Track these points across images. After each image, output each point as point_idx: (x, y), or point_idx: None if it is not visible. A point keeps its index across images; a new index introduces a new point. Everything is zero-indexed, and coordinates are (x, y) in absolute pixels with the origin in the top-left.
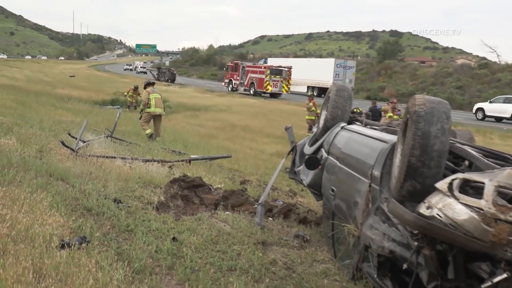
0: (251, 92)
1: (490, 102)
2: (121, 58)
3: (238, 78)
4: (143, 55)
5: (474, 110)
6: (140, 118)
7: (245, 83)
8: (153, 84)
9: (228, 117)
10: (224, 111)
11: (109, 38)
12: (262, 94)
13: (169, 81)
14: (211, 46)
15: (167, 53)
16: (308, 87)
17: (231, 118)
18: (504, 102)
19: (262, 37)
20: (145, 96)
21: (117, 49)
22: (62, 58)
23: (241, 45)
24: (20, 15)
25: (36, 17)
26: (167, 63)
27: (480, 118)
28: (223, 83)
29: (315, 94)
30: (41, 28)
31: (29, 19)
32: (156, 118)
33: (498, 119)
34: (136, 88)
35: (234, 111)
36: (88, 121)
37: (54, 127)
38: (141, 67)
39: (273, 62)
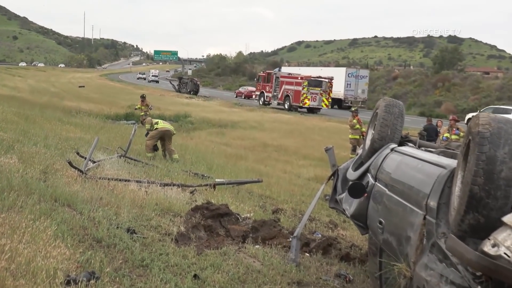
0: (286, 107)
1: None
2: (137, 66)
3: (271, 90)
4: (163, 63)
5: (465, 121)
6: (146, 135)
7: (279, 96)
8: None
9: (259, 135)
10: (254, 128)
11: (124, 43)
12: (299, 109)
13: (191, 93)
14: (240, 53)
15: (190, 61)
16: None
17: (263, 136)
18: (494, 112)
19: (299, 43)
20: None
21: (133, 56)
22: (62, 65)
23: (275, 52)
24: (24, 17)
25: (42, 19)
26: (189, 72)
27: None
28: (253, 96)
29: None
30: (48, 31)
31: (35, 21)
32: (166, 135)
33: None
34: (143, 98)
35: (266, 128)
36: (99, 139)
37: (61, 145)
38: (152, 76)
39: (285, 70)
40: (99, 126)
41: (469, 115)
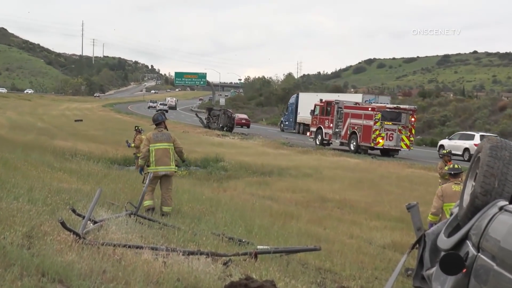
0: (352, 148)
1: (449, 138)
2: (153, 94)
3: (331, 125)
4: (188, 89)
5: (437, 147)
6: (143, 181)
7: (343, 133)
8: (160, 123)
9: (316, 186)
10: (309, 177)
11: (136, 63)
12: (369, 151)
13: (225, 128)
14: (289, 76)
15: (223, 86)
16: None
17: (321, 187)
18: (459, 138)
19: (370, 61)
20: (143, 146)
21: (147, 80)
22: (54, 93)
23: (337, 74)
24: (3, 28)
25: (27, 31)
26: (222, 101)
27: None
28: (308, 133)
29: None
30: (34, 47)
31: (17, 34)
32: (162, 180)
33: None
34: (138, 131)
35: (325, 176)
36: (101, 191)
37: (51, 199)
38: (161, 104)
39: (303, 98)
40: (102, 174)
41: (440, 142)
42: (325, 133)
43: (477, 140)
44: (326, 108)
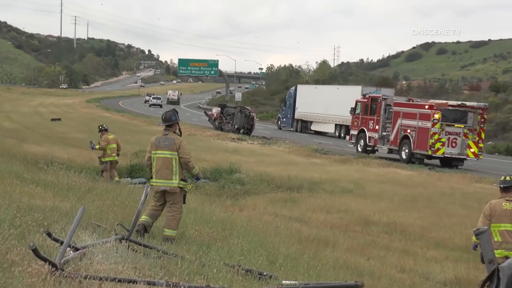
0: (404, 156)
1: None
2: (152, 86)
3: (377, 127)
4: (191, 80)
5: None
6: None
7: (392, 137)
8: (171, 125)
9: (357, 205)
10: (348, 193)
11: (129, 47)
12: (426, 160)
13: (242, 131)
14: (324, 65)
15: (239, 77)
16: (335, 125)
17: (363, 206)
18: None
19: (427, 46)
20: (147, 153)
21: (144, 69)
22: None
23: (385, 62)
24: None
25: None
26: (238, 96)
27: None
28: (348, 137)
29: (342, 134)
30: (0, 26)
31: None
32: (166, 197)
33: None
34: (104, 130)
35: (368, 192)
36: (85, 209)
37: (20, 220)
38: (153, 98)
39: (301, 91)
40: (86, 188)
41: None
42: (369, 137)
43: None
44: (371, 105)
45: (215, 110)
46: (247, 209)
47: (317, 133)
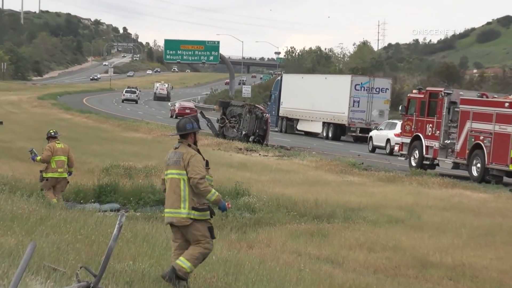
0: (474, 172)
1: (378, 129)
2: (129, 78)
3: (437, 133)
4: (176, 69)
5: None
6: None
7: (458, 146)
8: (186, 135)
9: (410, 240)
10: (398, 223)
11: (97, 24)
12: (506, 178)
13: (252, 138)
14: (365, 47)
15: (248, 64)
16: (323, 124)
17: (419, 242)
18: (386, 128)
19: (507, 21)
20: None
21: (117, 52)
22: None
23: (448, 44)
24: None
25: None
26: (246, 91)
27: (370, 149)
28: (397, 148)
29: (330, 135)
30: None
31: None
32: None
33: (373, 149)
34: (52, 137)
35: (426, 223)
36: (35, 246)
37: None
38: (127, 91)
39: (286, 82)
40: (37, 217)
41: (370, 133)
42: (427, 146)
43: None
44: (429, 102)
45: (178, 105)
46: (258, 246)
47: (307, 134)
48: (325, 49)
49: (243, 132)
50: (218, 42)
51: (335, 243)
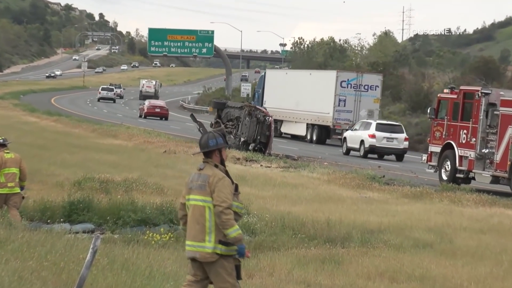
0: None
1: (352, 129)
2: (107, 73)
3: (473, 141)
4: (157, 63)
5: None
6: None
7: (498, 156)
8: (209, 153)
9: (440, 268)
10: (425, 249)
11: (68, 9)
12: None
13: (253, 146)
14: (387, 38)
15: (248, 58)
16: (307, 125)
17: (451, 271)
18: (360, 128)
19: None
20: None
21: (91, 43)
22: None
23: (486, 35)
24: None
25: None
26: (245, 89)
27: (344, 152)
28: (425, 157)
29: (314, 138)
30: None
31: None
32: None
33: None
34: (0, 145)
35: (459, 247)
36: None
37: None
38: (103, 89)
39: (270, 78)
40: None
41: (345, 134)
42: (461, 156)
43: None
44: (463, 104)
45: (147, 103)
46: (259, 275)
47: (293, 137)
48: (340, 40)
49: (242, 139)
50: (213, 31)
51: (351, 271)
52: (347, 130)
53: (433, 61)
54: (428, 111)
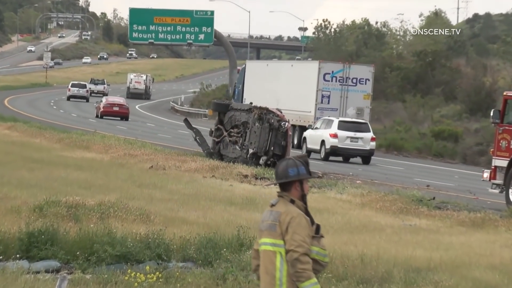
0: None
1: (313, 128)
2: (66, 67)
3: None
4: (134, 53)
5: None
6: None
7: None
8: (287, 185)
9: None
10: None
11: None
12: None
13: (264, 159)
14: (437, 19)
15: (258, 47)
16: None
17: None
18: (321, 126)
19: None
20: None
21: (55, 28)
22: None
23: None
24: None
25: None
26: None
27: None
28: (486, 176)
29: (295, 142)
30: None
31: None
32: None
33: (308, 154)
34: None
35: None
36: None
37: None
38: (72, 85)
39: (250, 70)
40: None
41: (305, 133)
42: None
43: None
44: None
45: (104, 101)
46: None
47: None
48: (377, 23)
49: (250, 150)
50: (212, 12)
51: None
52: (307, 128)
53: (498, 49)
54: (492, 114)
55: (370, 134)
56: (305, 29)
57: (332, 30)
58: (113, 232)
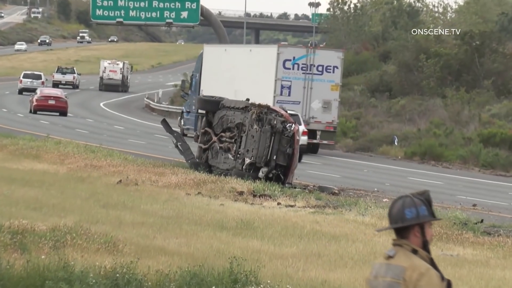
0: None
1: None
2: (28, 53)
3: None
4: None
5: None
6: None
7: None
8: (405, 230)
9: None
10: None
11: None
12: None
13: (264, 171)
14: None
15: (258, 28)
16: None
17: None
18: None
19: None
20: None
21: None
22: None
23: None
24: None
25: None
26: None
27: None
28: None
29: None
30: None
31: None
32: None
33: None
34: None
35: None
36: None
37: None
38: (25, 76)
39: (208, 57)
40: None
41: None
42: None
43: None
44: None
45: (38, 93)
46: None
47: None
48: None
49: (247, 160)
50: None
51: None
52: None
53: None
54: None
55: (301, 128)
56: (317, 4)
57: (352, 5)
58: (71, 266)
